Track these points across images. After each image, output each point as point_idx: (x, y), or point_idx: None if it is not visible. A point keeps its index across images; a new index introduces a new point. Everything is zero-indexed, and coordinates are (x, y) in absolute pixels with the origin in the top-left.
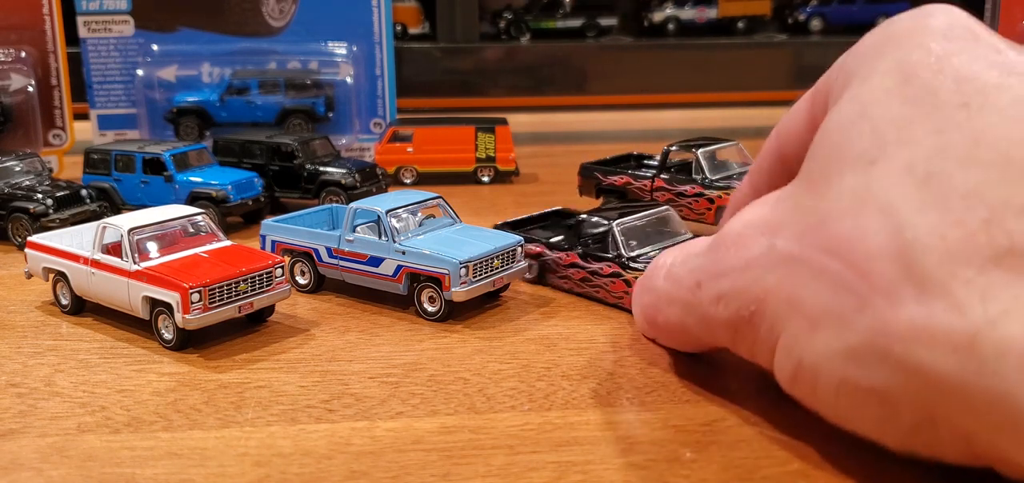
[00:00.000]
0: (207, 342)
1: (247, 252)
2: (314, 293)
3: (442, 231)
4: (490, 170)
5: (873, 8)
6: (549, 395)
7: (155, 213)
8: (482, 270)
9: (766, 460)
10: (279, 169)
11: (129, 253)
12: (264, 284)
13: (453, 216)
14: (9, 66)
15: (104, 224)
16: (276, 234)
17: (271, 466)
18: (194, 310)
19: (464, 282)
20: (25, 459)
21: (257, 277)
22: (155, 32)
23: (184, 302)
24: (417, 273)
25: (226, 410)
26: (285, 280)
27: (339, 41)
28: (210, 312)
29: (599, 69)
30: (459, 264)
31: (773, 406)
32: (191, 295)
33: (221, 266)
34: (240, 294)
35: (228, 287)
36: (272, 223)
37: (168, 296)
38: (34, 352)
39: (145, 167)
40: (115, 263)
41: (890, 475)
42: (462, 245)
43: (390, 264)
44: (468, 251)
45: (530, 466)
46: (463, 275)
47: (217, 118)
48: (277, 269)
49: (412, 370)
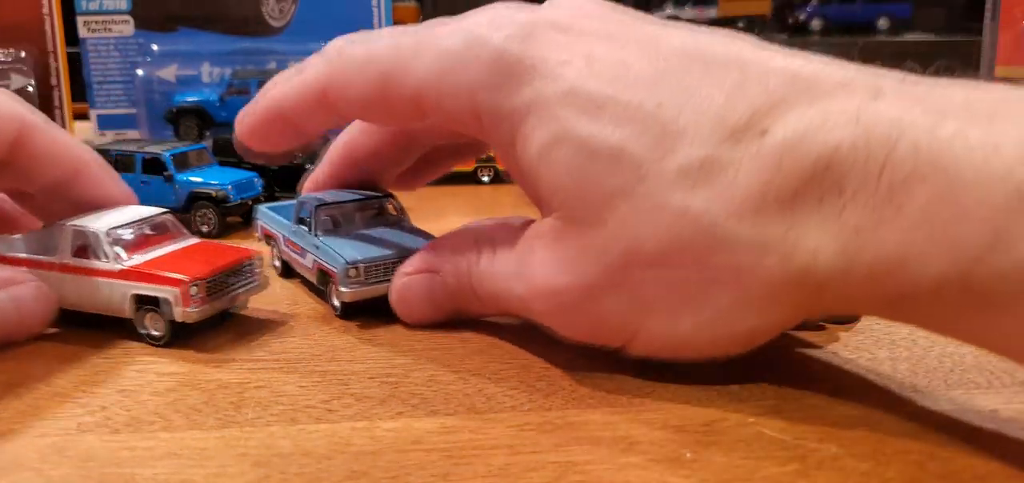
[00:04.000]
0: (207, 342)
1: (222, 247)
2: (287, 278)
3: (370, 230)
4: (490, 170)
5: (873, 8)
6: (549, 395)
7: (122, 213)
8: (377, 273)
9: (766, 460)
10: (279, 169)
11: (109, 253)
12: (246, 277)
13: (400, 214)
14: (9, 66)
15: (71, 227)
16: (264, 219)
17: (271, 466)
18: (193, 303)
19: (353, 282)
20: (25, 459)
21: (240, 269)
22: (156, 31)
23: (184, 296)
24: (324, 269)
25: (226, 410)
26: (261, 273)
27: None
28: (207, 305)
29: None
30: (346, 264)
31: (773, 406)
32: (190, 288)
33: (207, 260)
34: (230, 287)
35: (220, 279)
36: (264, 209)
37: (164, 291)
38: (34, 352)
39: (145, 167)
40: (92, 265)
41: (890, 475)
42: (367, 246)
43: (310, 257)
44: (364, 252)
45: (530, 466)
46: (352, 275)
47: (217, 118)
48: (255, 261)
49: (412, 370)
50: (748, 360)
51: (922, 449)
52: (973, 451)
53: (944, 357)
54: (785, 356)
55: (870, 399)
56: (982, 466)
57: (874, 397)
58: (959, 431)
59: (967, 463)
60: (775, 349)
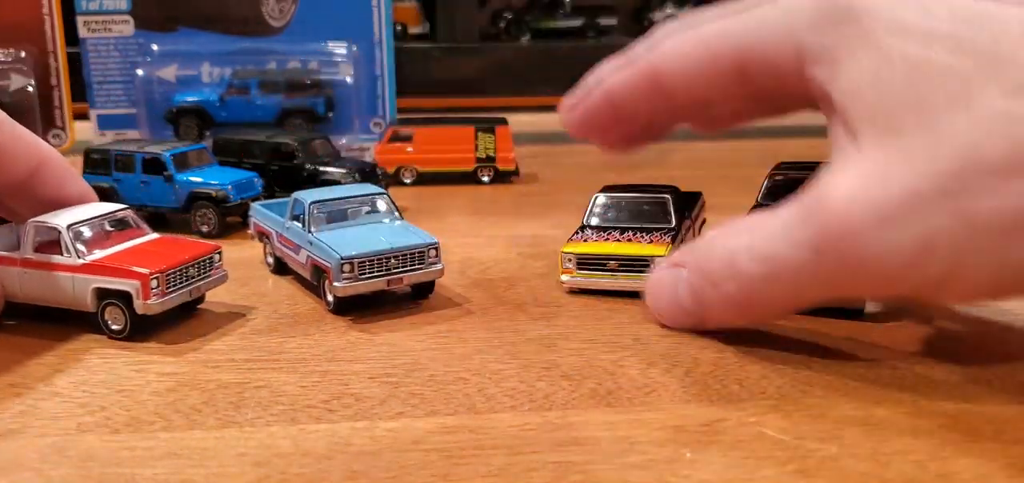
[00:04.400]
0: (207, 342)
1: (183, 242)
2: (279, 274)
3: (364, 226)
4: (490, 170)
5: None
6: (549, 395)
7: (84, 210)
8: (371, 269)
9: (766, 460)
10: (279, 169)
11: (71, 248)
12: (206, 270)
13: (393, 211)
14: (9, 66)
15: (33, 223)
16: (257, 217)
17: (271, 466)
18: (154, 296)
19: (347, 277)
20: (25, 459)
21: (201, 263)
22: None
23: (144, 288)
24: (318, 264)
25: (226, 410)
26: (222, 266)
27: (339, 41)
28: (167, 297)
29: None
30: (341, 260)
31: (773, 406)
32: (151, 281)
33: (168, 254)
34: (189, 279)
35: (180, 272)
36: (257, 207)
37: (126, 284)
38: (34, 352)
39: (145, 167)
40: (54, 260)
41: (890, 475)
42: (361, 242)
43: (304, 253)
44: (357, 248)
45: (530, 466)
46: (347, 271)
47: (217, 118)
48: (215, 255)
49: (412, 370)
50: (748, 360)
51: (922, 449)
52: (973, 451)
53: (944, 357)
54: (785, 356)
55: (870, 399)
56: (982, 466)
57: (874, 397)
58: (959, 431)
59: (967, 463)
60: (775, 349)
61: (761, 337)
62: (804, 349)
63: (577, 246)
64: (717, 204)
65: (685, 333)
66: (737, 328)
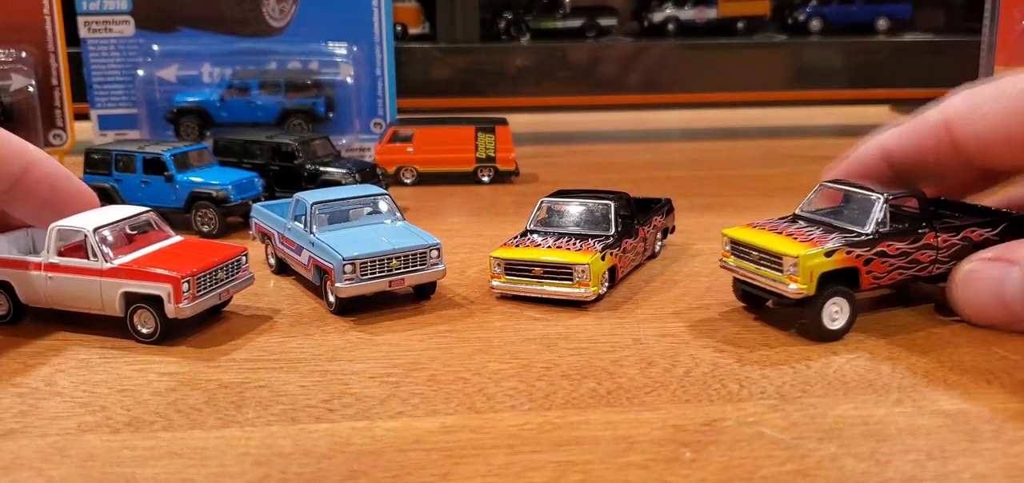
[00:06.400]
0: (207, 342)
1: (210, 245)
2: (280, 275)
3: (366, 227)
4: (490, 170)
5: (873, 8)
6: (549, 395)
7: (106, 213)
8: (373, 270)
9: (766, 460)
10: (279, 169)
11: (98, 251)
12: (234, 272)
13: (395, 212)
14: (9, 66)
15: (56, 227)
16: (259, 217)
17: (271, 466)
18: (185, 299)
19: (349, 278)
20: (25, 459)
21: (229, 265)
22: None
23: (176, 292)
24: (320, 265)
25: (226, 410)
26: (248, 268)
27: (339, 41)
28: (198, 300)
29: (599, 69)
30: (343, 260)
31: (773, 406)
32: (182, 284)
33: (197, 257)
34: (218, 282)
35: (210, 275)
36: (259, 207)
37: (157, 288)
38: (34, 352)
39: (145, 167)
40: (80, 264)
41: (889, 475)
42: (363, 243)
43: (306, 254)
44: (360, 249)
45: (530, 466)
46: (349, 271)
47: (217, 118)
48: (243, 257)
49: (412, 370)
50: (748, 360)
51: (922, 449)
52: (973, 451)
53: (944, 357)
54: (785, 356)
55: (870, 399)
56: (982, 466)
57: (874, 397)
58: (959, 431)
59: (967, 463)
60: (775, 349)
61: (761, 337)
62: (804, 349)
63: (506, 251)
64: (717, 204)
65: (685, 333)
66: (737, 328)
